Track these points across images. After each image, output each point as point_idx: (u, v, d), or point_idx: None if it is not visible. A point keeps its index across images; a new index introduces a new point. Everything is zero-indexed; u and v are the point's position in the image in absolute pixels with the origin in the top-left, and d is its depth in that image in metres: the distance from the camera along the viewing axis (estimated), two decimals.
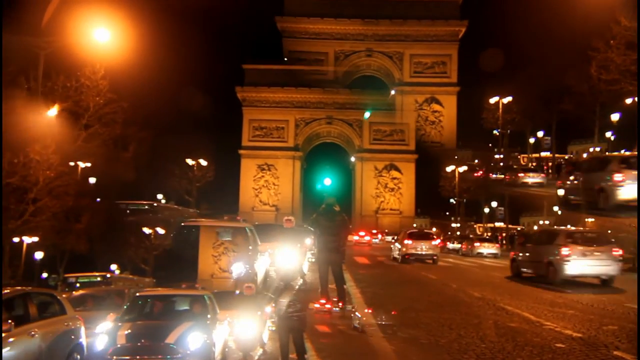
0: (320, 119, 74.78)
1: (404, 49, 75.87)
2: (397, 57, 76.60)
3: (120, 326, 11.37)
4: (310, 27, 75.64)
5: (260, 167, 73.89)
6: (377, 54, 77.10)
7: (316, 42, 76.03)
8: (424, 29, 74.83)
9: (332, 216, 12.59)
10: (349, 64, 77.14)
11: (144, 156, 51.78)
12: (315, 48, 76.09)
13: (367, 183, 74.24)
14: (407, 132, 74.12)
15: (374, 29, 75.98)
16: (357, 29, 75.93)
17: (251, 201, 72.71)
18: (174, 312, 12.77)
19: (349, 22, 75.42)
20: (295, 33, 76.10)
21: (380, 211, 73.57)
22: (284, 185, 73.47)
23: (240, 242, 13.82)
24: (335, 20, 75.11)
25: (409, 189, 74.00)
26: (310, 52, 76.05)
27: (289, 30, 76.36)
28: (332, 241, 12.49)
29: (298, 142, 74.54)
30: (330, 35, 76.12)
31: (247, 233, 14.09)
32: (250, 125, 73.92)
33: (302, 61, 75.36)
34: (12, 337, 9.54)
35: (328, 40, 76.13)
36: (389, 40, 76.05)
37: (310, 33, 75.81)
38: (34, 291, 11.73)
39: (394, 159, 73.71)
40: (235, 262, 13.89)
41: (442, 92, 75.47)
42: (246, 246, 13.49)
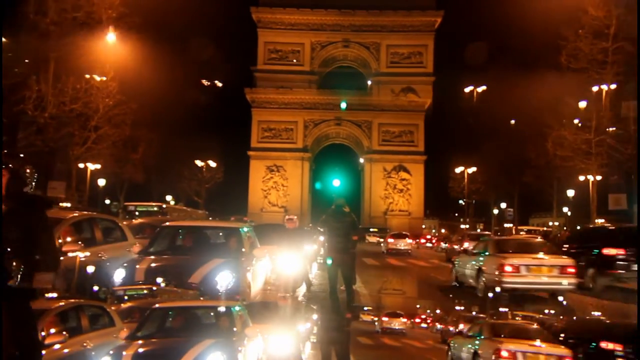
0: (329, 120, 74.72)
1: (381, 39, 75.25)
2: (374, 47, 75.92)
3: (128, 345, 9.67)
4: (286, 17, 75.01)
5: (269, 168, 73.87)
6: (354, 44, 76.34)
7: (292, 33, 75.43)
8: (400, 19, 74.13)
9: (341, 217, 12.54)
10: (326, 54, 76.44)
11: (152, 157, 52.25)
12: (291, 39, 75.46)
13: (376, 184, 74.08)
14: (416, 133, 73.96)
15: (350, 20, 75.50)
16: (334, 19, 75.32)
17: (260, 202, 72.71)
18: (196, 327, 10.79)
19: (325, 12, 74.86)
20: (270, 24, 75.53)
21: (389, 212, 73.38)
22: (292, 187, 73.44)
23: (234, 246, 11.23)
24: (312, 10, 74.34)
25: (417, 190, 73.79)
26: (286, 44, 75.56)
27: (264, 21, 75.89)
28: (342, 242, 12.43)
29: (307, 143, 74.48)
30: (307, 26, 75.56)
31: (241, 235, 11.50)
32: (259, 127, 73.94)
33: (278, 52, 75.19)
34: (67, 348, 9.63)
35: (304, 32, 75.53)
36: (366, 31, 75.41)
37: (285, 24, 75.22)
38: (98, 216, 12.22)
39: (403, 160, 73.54)
40: (222, 271, 10.41)
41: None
42: (239, 250, 11.00)
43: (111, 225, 12.16)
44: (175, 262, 10.42)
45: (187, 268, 9.79)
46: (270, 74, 74.75)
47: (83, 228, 11.01)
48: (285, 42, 75.76)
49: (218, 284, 9.65)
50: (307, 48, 76.19)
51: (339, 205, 12.68)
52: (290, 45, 75.92)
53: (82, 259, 10.28)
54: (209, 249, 10.94)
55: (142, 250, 10.56)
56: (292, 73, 75.04)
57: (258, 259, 11.20)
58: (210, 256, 10.41)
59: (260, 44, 76.14)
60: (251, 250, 11.24)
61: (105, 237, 11.38)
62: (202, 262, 9.96)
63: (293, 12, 74.91)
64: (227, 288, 9.68)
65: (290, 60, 75.90)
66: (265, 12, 75.35)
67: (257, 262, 11.11)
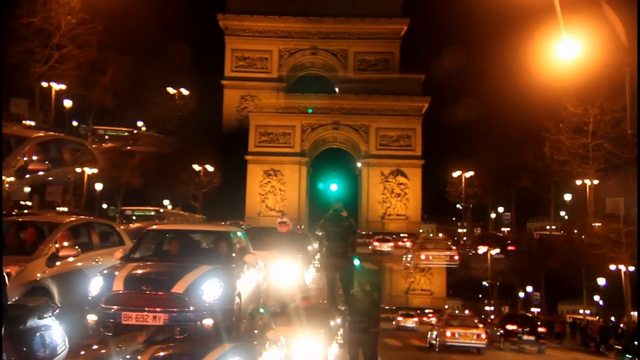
0: (327, 125, 74.72)
1: (348, 46, 75.49)
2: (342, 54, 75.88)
3: (121, 267, 9.17)
4: (254, 25, 75.13)
5: (267, 172, 73.81)
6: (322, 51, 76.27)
7: (260, 41, 75.70)
8: None
9: (339, 222, 12.52)
10: (294, 61, 76.44)
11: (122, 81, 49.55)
12: (259, 46, 75.78)
13: (373, 189, 74.04)
14: (413, 137, 73.95)
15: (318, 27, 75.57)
16: (302, 27, 75.41)
17: (257, 207, 72.62)
18: (193, 252, 10.37)
19: (293, 20, 75.12)
20: (238, 31, 75.63)
21: (386, 217, 73.34)
22: (290, 191, 73.39)
23: (223, 251, 10.28)
24: (280, 18, 74.23)
25: (415, 194, 73.76)
26: (254, 51, 75.80)
27: (231, 28, 75.96)
28: (340, 247, 12.41)
29: (304, 147, 74.46)
30: (275, 34, 75.86)
31: (231, 239, 10.59)
32: (257, 131, 73.90)
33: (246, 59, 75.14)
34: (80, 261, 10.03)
35: (272, 39, 75.80)
36: (334, 38, 75.14)
37: (253, 31, 75.38)
38: (95, 221, 12.00)
39: (401, 164, 73.52)
40: (208, 280, 8.96)
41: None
42: (229, 256, 10.13)
43: (108, 229, 12.06)
44: (158, 269, 9.47)
45: (171, 275, 8.87)
46: (238, 81, 75.20)
47: (80, 232, 10.94)
48: (253, 50, 75.96)
49: (204, 293, 8.61)
50: (275, 55, 76.48)
51: (336, 210, 12.68)
52: (258, 53, 76.17)
53: (79, 264, 10.13)
54: (196, 255, 10.12)
55: (125, 256, 9.79)
56: (260, 80, 75.32)
57: (250, 265, 10.30)
58: (197, 262, 9.39)
59: (228, 51, 76.37)
60: (242, 256, 10.36)
61: (102, 241, 11.25)
62: (187, 269, 9.00)
63: (261, 19, 75.06)
64: (214, 298, 8.64)
65: (259, 67, 76.09)
66: (232, 19, 75.48)
67: (249, 269, 10.24)
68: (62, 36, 35.47)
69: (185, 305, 8.42)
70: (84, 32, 36.72)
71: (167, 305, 8.44)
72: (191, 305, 8.43)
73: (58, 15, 35.06)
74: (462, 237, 59.61)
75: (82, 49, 37.29)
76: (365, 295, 11.81)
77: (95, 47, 38.46)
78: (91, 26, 37.01)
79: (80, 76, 40.31)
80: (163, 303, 8.45)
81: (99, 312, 8.50)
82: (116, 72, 47.33)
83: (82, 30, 36.44)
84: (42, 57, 34.87)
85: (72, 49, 36.62)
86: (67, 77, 38.79)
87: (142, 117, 60.45)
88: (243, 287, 9.67)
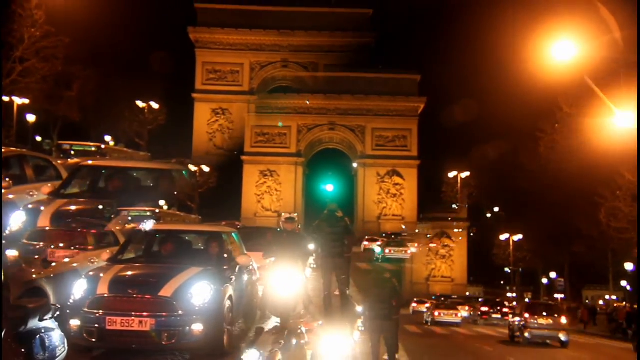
0: (323, 125, 74.72)
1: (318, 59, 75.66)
2: (312, 67, 76.14)
3: (107, 269, 8.71)
4: (225, 37, 75.10)
5: (263, 173, 73.79)
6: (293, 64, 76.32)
7: (231, 53, 75.80)
8: None
9: (334, 222, 12.48)
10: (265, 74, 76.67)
11: (90, 96, 48.46)
12: (230, 59, 75.72)
13: (369, 189, 74.10)
14: (409, 137, 74.06)
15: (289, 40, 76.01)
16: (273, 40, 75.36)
17: (253, 207, 72.58)
18: (185, 254, 9.78)
19: (264, 32, 75.16)
20: (209, 44, 75.61)
21: (382, 217, 73.42)
22: (286, 191, 73.37)
23: (214, 252, 9.68)
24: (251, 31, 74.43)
25: (411, 194, 73.85)
26: (225, 64, 75.63)
27: (202, 41, 75.87)
28: (336, 247, 12.38)
29: (300, 148, 74.45)
30: (246, 47, 75.87)
31: (223, 239, 10.05)
32: (253, 131, 73.87)
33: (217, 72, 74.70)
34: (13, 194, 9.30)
35: (243, 52, 75.83)
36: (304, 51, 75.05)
37: (224, 44, 75.35)
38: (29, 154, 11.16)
39: (397, 164, 73.60)
40: (197, 282, 8.41)
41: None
42: (220, 257, 9.56)
43: (44, 163, 11.19)
44: (146, 271, 8.95)
45: (159, 278, 8.40)
46: (209, 94, 75.08)
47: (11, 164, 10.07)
48: (224, 62, 75.83)
49: (193, 297, 8.14)
50: (247, 68, 76.44)
51: (331, 210, 12.64)
52: (229, 66, 76.05)
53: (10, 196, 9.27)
54: (187, 256, 9.57)
55: (112, 257, 9.14)
56: (231, 93, 75.29)
57: (243, 267, 9.82)
58: (187, 264, 8.86)
59: (199, 64, 76.18)
60: (235, 257, 9.91)
61: (37, 175, 10.39)
62: (176, 271, 8.49)
63: (231, 32, 75.03)
64: (204, 302, 8.17)
65: (230, 80, 76.05)
66: (203, 32, 75.42)
67: (242, 271, 9.77)
68: (25, 49, 34.25)
69: (174, 310, 7.97)
70: (48, 45, 35.56)
71: (155, 310, 7.98)
72: (179, 310, 7.98)
73: (21, 29, 33.87)
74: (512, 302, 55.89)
75: (47, 62, 36.14)
76: (386, 283, 11.93)
77: (61, 60, 37.38)
78: (57, 39, 35.92)
79: (45, 90, 39.21)
80: (150, 307, 8.00)
81: (82, 317, 8.02)
82: (83, 86, 46.04)
83: (46, 43, 35.26)
84: (4, 70, 33.48)
85: (36, 63, 35.45)
86: (31, 91, 37.59)
87: (110, 131, 58.88)
88: (235, 291, 9.23)
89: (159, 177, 10.16)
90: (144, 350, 8.36)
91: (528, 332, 26.37)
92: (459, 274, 72.68)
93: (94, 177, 10.26)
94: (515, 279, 65.20)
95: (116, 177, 9.95)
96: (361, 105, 73.27)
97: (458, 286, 70.76)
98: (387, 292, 11.83)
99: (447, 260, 72.77)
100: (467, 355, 23.47)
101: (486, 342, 27.45)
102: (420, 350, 21.30)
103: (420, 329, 33.14)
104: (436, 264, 72.80)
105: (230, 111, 75.19)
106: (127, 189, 9.88)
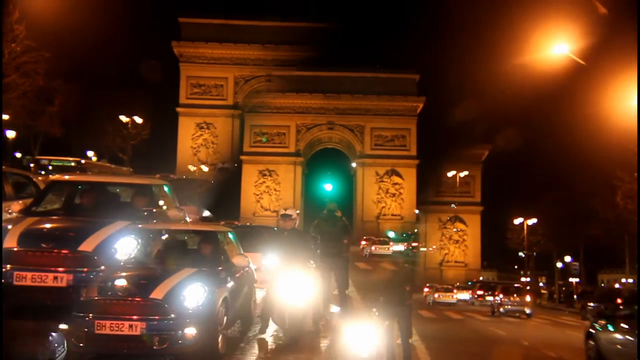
0: (322, 125, 74.75)
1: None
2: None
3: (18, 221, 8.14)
4: (209, 52, 74.94)
5: (262, 172, 73.82)
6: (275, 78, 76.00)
7: (215, 67, 75.67)
8: None
9: (333, 222, 12.56)
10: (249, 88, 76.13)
11: (72, 111, 47.66)
12: (214, 73, 75.56)
13: (368, 188, 74.13)
14: (408, 137, 74.10)
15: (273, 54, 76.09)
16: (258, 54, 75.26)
17: (252, 207, 72.62)
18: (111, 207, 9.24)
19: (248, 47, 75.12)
20: (193, 58, 75.51)
21: (381, 216, 73.46)
22: (285, 191, 73.40)
23: (209, 252, 9.28)
24: (235, 45, 74.19)
25: (410, 194, 73.90)
26: (210, 78, 75.71)
27: (186, 55, 75.75)
28: (334, 246, 12.43)
29: (299, 147, 74.48)
30: (230, 61, 75.97)
31: (218, 239, 9.69)
32: (252, 132, 73.87)
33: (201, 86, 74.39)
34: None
35: (228, 66, 75.88)
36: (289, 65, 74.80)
37: (208, 58, 75.32)
38: (8, 171, 10.85)
39: (396, 164, 73.63)
40: (191, 284, 8.09)
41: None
42: (215, 257, 9.22)
43: (24, 180, 10.89)
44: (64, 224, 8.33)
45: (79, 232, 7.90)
46: (193, 108, 74.95)
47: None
48: (209, 77, 75.69)
49: (186, 299, 7.76)
50: (231, 82, 76.46)
51: (330, 210, 12.71)
52: (213, 80, 75.96)
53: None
54: (181, 256, 9.17)
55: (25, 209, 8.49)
56: (216, 107, 75.24)
57: (240, 268, 9.36)
58: (180, 265, 8.43)
59: (183, 78, 76.04)
60: (230, 258, 9.52)
61: (17, 192, 10.05)
62: (168, 273, 8.12)
63: (215, 46, 75.01)
64: (197, 304, 7.81)
65: (214, 94, 75.98)
66: (187, 46, 75.32)
67: (239, 272, 9.28)
68: (5, 64, 33.12)
69: (166, 313, 7.60)
70: (29, 60, 34.75)
71: (145, 313, 7.60)
72: (172, 313, 7.61)
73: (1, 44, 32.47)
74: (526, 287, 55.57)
75: (27, 78, 35.36)
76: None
77: (42, 75, 36.65)
78: (38, 54, 35.15)
79: (26, 105, 38.48)
80: (140, 310, 7.64)
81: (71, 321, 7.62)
82: (65, 100, 45.30)
83: (27, 58, 34.40)
84: None
85: (16, 78, 34.56)
86: (12, 107, 36.57)
87: (93, 146, 58.55)
88: (231, 293, 8.93)
89: (138, 192, 9.61)
90: (134, 355, 7.94)
91: (503, 308, 34.24)
92: (472, 259, 72.86)
93: (69, 193, 9.68)
94: (529, 264, 64.84)
95: (91, 193, 9.42)
96: (360, 105, 73.32)
97: (471, 271, 70.95)
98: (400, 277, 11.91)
99: (460, 245, 73.07)
100: (455, 322, 28.60)
101: (474, 316, 33.57)
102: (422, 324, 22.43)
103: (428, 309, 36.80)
104: (449, 248, 73.14)
105: (214, 125, 75.31)
106: (104, 205, 9.33)
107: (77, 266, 7.63)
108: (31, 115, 41.90)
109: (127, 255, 8.01)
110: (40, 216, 8.64)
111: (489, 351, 17.22)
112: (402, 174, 73.76)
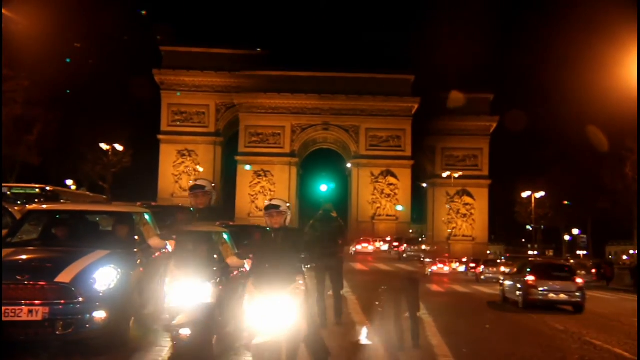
0: (317, 125, 74.74)
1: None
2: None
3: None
4: (190, 79, 74.23)
5: (257, 173, 73.78)
6: None
7: (196, 95, 74.98)
8: None
9: (328, 222, 12.53)
10: (231, 116, 75.78)
11: (51, 139, 46.88)
12: (195, 101, 74.86)
13: (363, 189, 74.15)
14: (403, 138, 74.12)
15: None
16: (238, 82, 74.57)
17: (247, 207, 72.58)
18: (89, 236, 9.12)
19: (229, 75, 74.39)
20: (174, 86, 74.91)
21: (376, 217, 73.48)
22: (280, 192, 73.29)
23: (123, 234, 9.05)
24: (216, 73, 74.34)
25: (405, 194, 73.95)
26: (191, 105, 75.05)
27: (167, 83, 75.23)
28: (330, 247, 12.41)
29: (294, 148, 74.45)
30: (211, 88, 75.53)
31: (134, 221, 9.38)
32: (247, 132, 73.84)
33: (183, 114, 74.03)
34: None
35: (209, 93, 75.33)
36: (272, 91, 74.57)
37: (189, 86, 74.59)
38: None
39: (391, 165, 73.66)
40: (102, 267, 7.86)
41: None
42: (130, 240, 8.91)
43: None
44: (41, 255, 8.12)
45: (57, 262, 7.62)
46: (174, 136, 74.44)
47: None
48: (190, 104, 75.13)
49: (97, 282, 7.47)
50: (212, 109, 75.91)
51: (326, 210, 12.68)
52: (195, 107, 75.44)
53: None
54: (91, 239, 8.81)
55: None
56: (197, 135, 74.68)
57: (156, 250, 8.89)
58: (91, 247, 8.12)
59: (164, 105, 75.52)
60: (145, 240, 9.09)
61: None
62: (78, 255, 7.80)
63: (197, 74, 74.39)
64: (108, 287, 7.51)
65: (196, 121, 75.55)
66: (168, 74, 74.79)
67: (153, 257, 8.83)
68: None
69: (72, 297, 7.25)
70: (7, 90, 34.40)
71: (49, 297, 7.21)
72: (79, 296, 7.28)
73: None
74: None
75: (5, 107, 35.06)
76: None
77: (20, 103, 36.36)
78: (15, 83, 34.98)
79: (3, 134, 37.35)
80: (44, 295, 7.22)
81: None
82: (44, 129, 44.48)
83: (5, 87, 34.03)
84: None
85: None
86: None
87: (71, 174, 57.76)
88: (146, 276, 8.58)
89: (119, 220, 9.37)
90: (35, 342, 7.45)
91: (484, 276, 38.06)
92: (480, 233, 72.79)
93: (47, 222, 9.38)
94: (537, 237, 64.67)
95: (70, 222, 9.19)
96: (355, 106, 73.37)
97: (479, 245, 70.90)
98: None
99: (467, 219, 73.01)
100: None
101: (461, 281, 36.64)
102: None
103: None
104: (457, 222, 73.11)
105: (196, 152, 74.88)
106: (83, 234, 9.15)
107: (54, 298, 7.28)
108: (9, 144, 41.27)
109: (107, 286, 7.73)
110: (15, 247, 8.41)
111: None
112: (397, 174, 73.81)
